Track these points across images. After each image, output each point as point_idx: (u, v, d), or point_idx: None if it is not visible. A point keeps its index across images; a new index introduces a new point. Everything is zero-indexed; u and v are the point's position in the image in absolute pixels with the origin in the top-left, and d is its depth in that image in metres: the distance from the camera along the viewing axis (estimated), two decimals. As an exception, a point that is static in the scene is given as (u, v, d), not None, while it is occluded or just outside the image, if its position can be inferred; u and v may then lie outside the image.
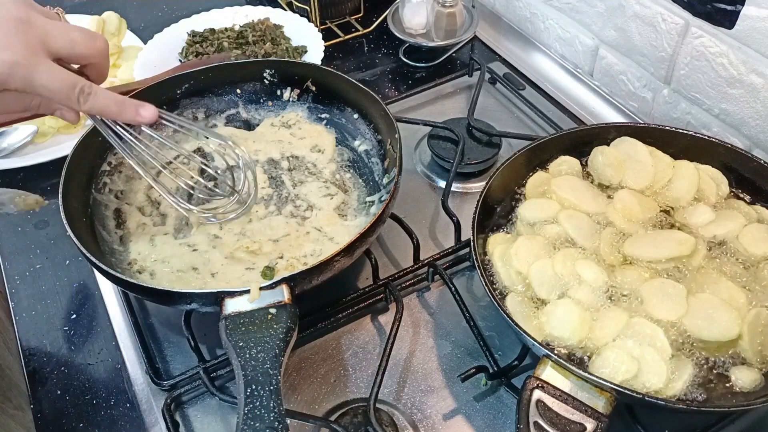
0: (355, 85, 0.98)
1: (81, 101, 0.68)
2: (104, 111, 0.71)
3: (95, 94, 0.69)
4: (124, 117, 0.72)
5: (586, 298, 0.75)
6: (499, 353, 0.81)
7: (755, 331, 0.70)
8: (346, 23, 1.39)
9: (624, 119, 1.13)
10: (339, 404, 0.78)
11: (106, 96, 0.71)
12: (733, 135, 0.97)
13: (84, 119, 1.14)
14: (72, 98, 0.68)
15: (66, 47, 0.68)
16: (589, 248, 0.80)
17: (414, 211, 1.00)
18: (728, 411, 0.72)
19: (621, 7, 1.06)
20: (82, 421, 0.78)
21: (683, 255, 0.78)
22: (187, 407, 0.79)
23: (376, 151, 0.98)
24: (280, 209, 0.92)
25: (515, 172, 0.89)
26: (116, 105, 0.71)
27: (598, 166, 0.90)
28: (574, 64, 1.22)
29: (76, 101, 0.68)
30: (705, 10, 0.92)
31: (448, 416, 0.77)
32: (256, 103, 1.05)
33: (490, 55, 1.31)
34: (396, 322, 0.80)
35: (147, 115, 0.73)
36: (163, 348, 0.85)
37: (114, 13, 1.35)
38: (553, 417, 0.65)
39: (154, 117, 0.73)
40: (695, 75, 0.99)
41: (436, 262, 0.89)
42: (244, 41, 1.28)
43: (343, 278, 0.87)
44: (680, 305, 0.73)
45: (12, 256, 0.98)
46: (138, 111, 0.72)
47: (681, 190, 0.86)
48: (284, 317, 0.69)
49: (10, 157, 1.09)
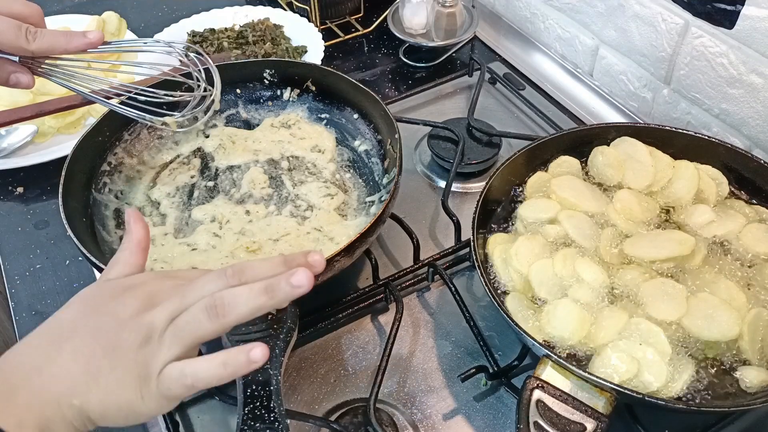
0: (355, 85, 0.98)
1: (29, 39, 0.71)
2: (54, 45, 0.73)
3: (41, 32, 0.72)
4: (74, 44, 0.74)
5: (586, 298, 0.75)
6: (499, 353, 0.81)
7: (755, 331, 0.70)
8: (346, 23, 1.39)
9: (624, 119, 1.13)
10: (339, 404, 0.78)
11: (53, 32, 0.73)
12: (733, 135, 0.97)
13: (84, 119, 1.15)
14: (20, 37, 0.70)
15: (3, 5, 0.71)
16: (589, 248, 0.80)
17: (414, 211, 1.00)
18: (728, 411, 0.72)
19: (621, 7, 1.06)
20: (82, 421, 0.78)
21: (683, 255, 0.78)
22: (187, 407, 0.79)
23: (376, 151, 0.98)
24: (280, 209, 0.93)
25: (515, 172, 0.89)
26: (64, 36, 0.74)
27: (598, 166, 0.90)
28: (574, 64, 1.22)
29: (25, 39, 0.70)
30: (705, 10, 0.92)
31: (448, 416, 0.77)
32: (256, 103, 1.05)
33: (490, 55, 1.31)
34: (396, 322, 0.80)
35: (93, 36, 0.75)
36: (163, 348, 0.85)
37: (114, 13, 1.35)
38: (553, 417, 0.65)
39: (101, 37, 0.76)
40: (695, 75, 0.99)
41: (436, 262, 0.89)
42: (244, 41, 1.28)
43: (343, 278, 0.87)
44: (680, 305, 0.73)
45: (12, 256, 0.98)
46: (86, 34, 0.75)
47: (681, 190, 0.86)
48: (284, 317, 0.69)
49: (10, 157, 1.09)
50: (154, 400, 0.54)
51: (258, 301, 0.54)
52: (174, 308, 0.54)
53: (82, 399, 0.52)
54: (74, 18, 1.35)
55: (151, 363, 0.53)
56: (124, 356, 0.53)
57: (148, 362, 0.53)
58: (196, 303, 0.54)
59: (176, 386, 0.53)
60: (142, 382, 0.53)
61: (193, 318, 0.54)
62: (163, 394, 0.53)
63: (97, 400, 0.53)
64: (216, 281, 0.55)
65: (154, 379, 0.53)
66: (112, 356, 0.53)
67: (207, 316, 0.53)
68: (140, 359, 0.53)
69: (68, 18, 1.36)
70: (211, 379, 0.53)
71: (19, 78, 0.75)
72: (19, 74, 0.75)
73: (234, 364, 0.53)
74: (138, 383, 0.53)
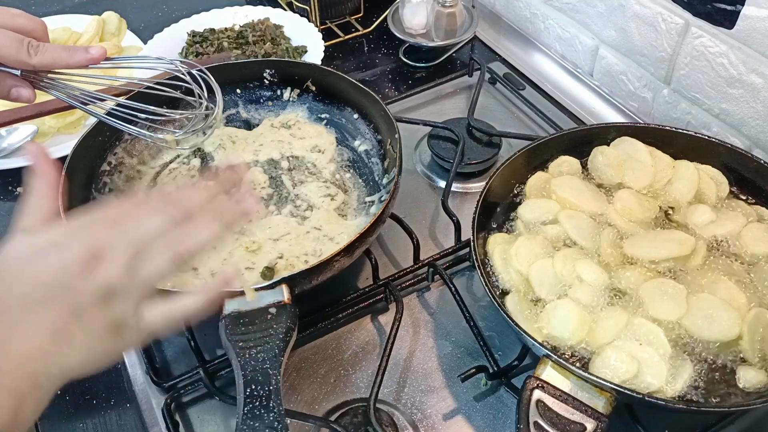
0: (355, 85, 0.98)
1: (31, 53, 0.71)
2: (56, 60, 0.73)
3: (44, 47, 0.72)
4: (76, 59, 0.74)
5: (586, 298, 0.75)
6: (499, 353, 0.81)
7: (755, 331, 0.70)
8: (346, 23, 1.39)
9: (624, 119, 1.13)
10: (339, 404, 0.78)
11: (55, 47, 0.73)
12: (733, 135, 0.97)
13: (84, 119, 1.15)
14: (22, 50, 0.70)
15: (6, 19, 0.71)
16: (589, 248, 0.80)
17: (414, 211, 1.00)
18: (728, 411, 0.72)
19: (621, 7, 1.06)
20: (82, 421, 0.78)
21: (683, 255, 0.78)
22: (187, 407, 0.79)
23: (376, 151, 0.98)
24: (279, 209, 0.93)
25: (515, 172, 0.89)
26: (66, 51, 0.74)
27: (598, 166, 0.90)
28: (574, 64, 1.22)
29: (27, 53, 0.70)
30: (705, 10, 0.92)
31: (448, 416, 0.77)
32: (256, 103, 1.05)
33: (490, 55, 1.31)
34: (396, 322, 0.80)
35: (95, 52, 0.75)
36: (163, 348, 0.85)
37: (114, 13, 1.35)
38: (553, 417, 0.65)
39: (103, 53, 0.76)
40: (695, 75, 0.99)
41: (436, 262, 0.89)
42: (244, 41, 1.28)
43: (343, 278, 0.87)
44: (680, 305, 0.73)
45: (12, 256, 0.97)
46: (88, 50, 0.75)
47: (681, 190, 0.86)
48: (284, 317, 0.69)
49: (10, 157, 1.09)
50: (133, 338, 0.56)
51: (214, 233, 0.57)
52: (125, 259, 0.54)
53: (62, 365, 0.53)
54: (74, 18, 1.35)
55: (124, 315, 0.55)
56: (93, 317, 0.53)
57: (120, 316, 0.54)
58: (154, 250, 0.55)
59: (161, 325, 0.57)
60: (119, 331, 0.55)
61: (158, 266, 0.55)
62: (143, 331, 0.56)
63: (77, 361, 0.54)
64: (157, 217, 0.56)
65: (132, 325, 0.55)
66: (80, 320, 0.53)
67: (171, 261, 0.55)
68: (110, 315, 0.54)
69: (68, 18, 1.36)
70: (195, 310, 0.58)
71: (20, 92, 0.75)
72: (20, 88, 0.75)
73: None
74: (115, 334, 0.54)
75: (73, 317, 0.53)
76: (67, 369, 0.53)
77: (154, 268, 0.55)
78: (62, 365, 0.53)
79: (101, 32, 1.32)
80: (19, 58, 0.71)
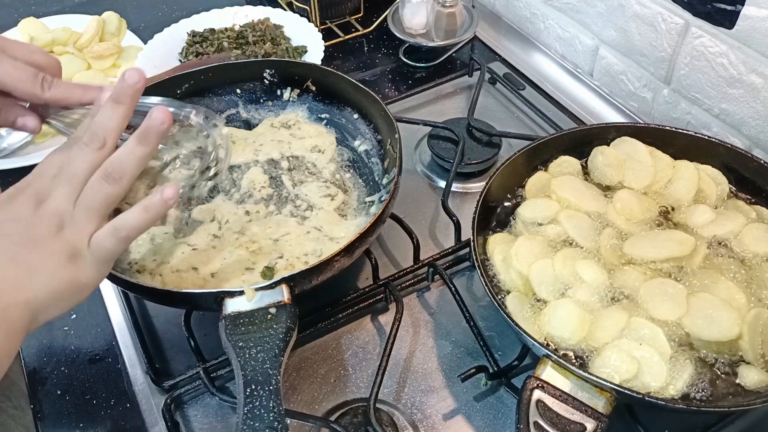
0: (355, 85, 0.98)
1: (45, 87, 0.71)
2: (68, 96, 0.73)
3: (57, 82, 0.72)
4: (88, 97, 0.74)
5: (586, 298, 0.75)
6: (499, 353, 0.81)
7: (755, 331, 0.70)
8: (346, 23, 1.39)
9: (624, 119, 1.13)
10: (339, 404, 0.78)
11: (69, 84, 0.74)
12: (733, 135, 0.97)
13: (84, 119, 1.14)
14: (36, 85, 0.71)
15: (24, 54, 0.72)
16: (589, 248, 0.80)
17: (414, 211, 1.00)
18: (728, 411, 0.72)
19: (621, 7, 1.06)
20: (82, 421, 0.78)
21: (683, 255, 0.78)
22: (187, 407, 0.79)
23: (376, 151, 0.98)
24: (279, 209, 0.92)
25: (515, 172, 0.89)
26: (80, 89, 0.74)
27: (598, 166, 0.90)
28: (574, 64, 1.22)
29: (40, 87, 0.71)
30: (705, 10, 0.92)
31: (448, 416, 0.77)
32: (255, 103, 1.05)
33: (490, 55, 1.31)
34: (396, 322, 0.80)
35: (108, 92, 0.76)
36: (163, 348, 0.85)
37: (114, 13, 1.35)
38: (553, 417, 0.65)
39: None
40: (695, 75, 0.99)
41: (436, 262, 0.89)
42: (244, 41, 1.28)
43: (343, 278, 0.87)
44: (680, 305, 0.73)
45: (12, 256, 0.97)
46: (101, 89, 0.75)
47: (681, 190, 0.86)
48: (284, 317, 0.69)
49: (10, 157, 1.09)
50: (93, 267, 0.63)
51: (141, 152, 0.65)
52: (67, 190, 0.62)
53: (28, 294, 0.59)
54: (74, 18, 1.35)
55: (77, 240, 0.61)
56: (49, 245, 0.60)
57: (73, 240, 0.61)
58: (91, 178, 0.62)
59: (111, 244, 0.62)
60: (76, 258, 0.61)
61: (97, 190, 0.62)
62: (100, 258, 0.63)
63: (42, 289, 0.60)
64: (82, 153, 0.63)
65: (85, 250, 0.62)
66: (37, 250, 0.60)
67: (108, 183, 0.62)
68: (64, 241, 0.61)
69: (68, 18, 1.36)
70: (139, 225, 0.64)
71: (26, 122, 0.74)
72: (27, 118, 0.74)
73: (152, 206, 0.64)
74: (73, 260, 0.61)
75: (29, 247, 0.60)
76: (32, 298, 0.59)
77: (93, 192, 0.62)
78: (29, 293, 0.59)
79: (101, 32, 1.32)
80: (32, 91, 0.71)
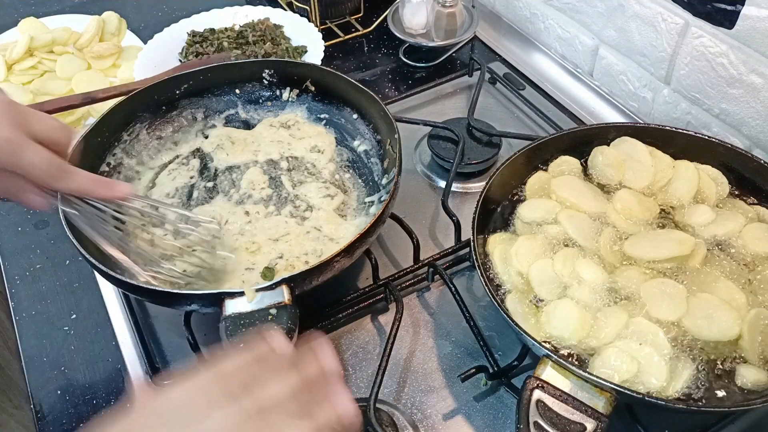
0: (355, 85, 0.98)
1: (60, 178, 0.71)
2: (81, 188, 0.74)
3: (74, 173, 0.73)
4: (101, 193, 0.75)
5: (586, 298, 0.75)
6: (499, 353, 0.81)
7: (755, 331, 0.70)
8: (346, 23, 1.39)
9: (624, 119, 1.13)
10: (339, 404, 0.78)
11: (83, 174, 0.74)
12: (733, 135, 0.97)
13: (84, 119, 1.14)
14: (55, 176, 0.71)
15: (44, 131, 0.72)
16: (589, 248, 0.80)
17: (414, 211, 1.00)
18: (728, 411, 0.72)
19: (621, 7, 1.06)
20: (82, 421, 0.78)
21: (683, 255, 0.78)
22: (187, 407, 0.79)
23: (376, 151, 0.98)
24: (279, 209, 0.92)
25: (515, 172, 0.89)
26: (96, 184, 0.75)
27: (598, 166, 0.90)
28: (574, 64, 1.22)
29: (55, 177, 0.71)
30: (705, 10, 0.92)
31: (448, 416, 0.77)
32: (255, 104, 1.05)
33: (490, 55, 1.31)
34: (396, 322, 0.80)
35: (122, 189, 0.76)
36: (163, 348, 0.85)
37: (114, 13, 1.35)
38: (553, 417, 0.65)
39: (129, 190, 0.77)
40: (695, 75, 0.99)
41: (436, 262, 0.89)
42: (244, 41, 1.28)
43: (343, 278, 0.87)
44: (680, 305, 0.73)
45: (12, 256, 0.98)
46: (113, 185, 0.76)
47: (681, 190, 0.86)
48: (284, 318, 0.69)
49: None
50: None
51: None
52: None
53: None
54: (74, 18, 1.35)
55: None
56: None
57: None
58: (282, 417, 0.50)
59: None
60: None
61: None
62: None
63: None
64: (279, 383, 0.52)
65: None
66: None
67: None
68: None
69: (68, 18, 1.36)
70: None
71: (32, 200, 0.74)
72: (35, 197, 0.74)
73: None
74: None
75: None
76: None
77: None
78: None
79: (101, 32, 1.32)
80: (46, 180, 0.71)
